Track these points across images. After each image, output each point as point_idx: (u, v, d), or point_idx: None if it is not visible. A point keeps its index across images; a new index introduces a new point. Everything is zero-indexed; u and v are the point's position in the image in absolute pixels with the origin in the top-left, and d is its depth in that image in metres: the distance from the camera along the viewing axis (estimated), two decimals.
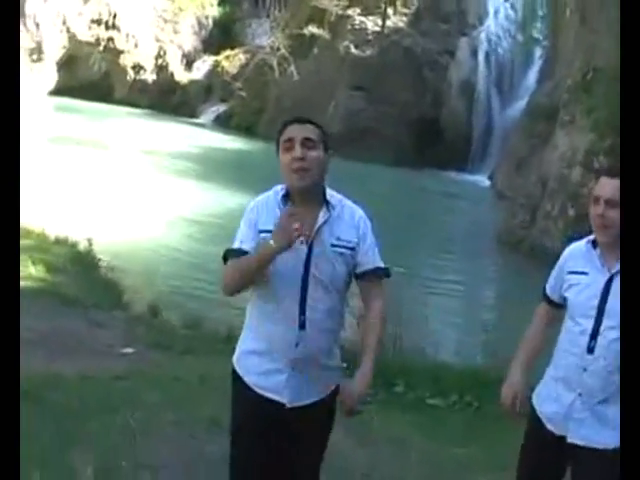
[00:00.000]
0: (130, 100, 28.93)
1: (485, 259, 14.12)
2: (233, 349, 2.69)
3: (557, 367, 2.72)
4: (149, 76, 30.07)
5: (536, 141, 18.29)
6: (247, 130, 26.21)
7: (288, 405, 2.64)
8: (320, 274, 2.58)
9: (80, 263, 8.01)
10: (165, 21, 30.78)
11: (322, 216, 2.60)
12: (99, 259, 8.46)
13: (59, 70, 29.03)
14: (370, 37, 25.73)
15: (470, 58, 24.78)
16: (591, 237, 2.67)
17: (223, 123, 27.38)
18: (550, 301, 2.83)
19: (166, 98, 29.20)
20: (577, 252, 2.73)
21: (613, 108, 12.61)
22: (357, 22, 26.34)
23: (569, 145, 13.94)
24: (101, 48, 29.40)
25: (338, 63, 25.27)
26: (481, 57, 24.57)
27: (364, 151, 22.40)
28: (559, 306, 2.78)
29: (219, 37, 31.29)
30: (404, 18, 26.26)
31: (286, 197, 2.61)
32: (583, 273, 2.66)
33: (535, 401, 2.78)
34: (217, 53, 30.21)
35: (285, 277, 2.57)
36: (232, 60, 29.42)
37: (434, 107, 24.00)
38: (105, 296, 7.10)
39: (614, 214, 2.53)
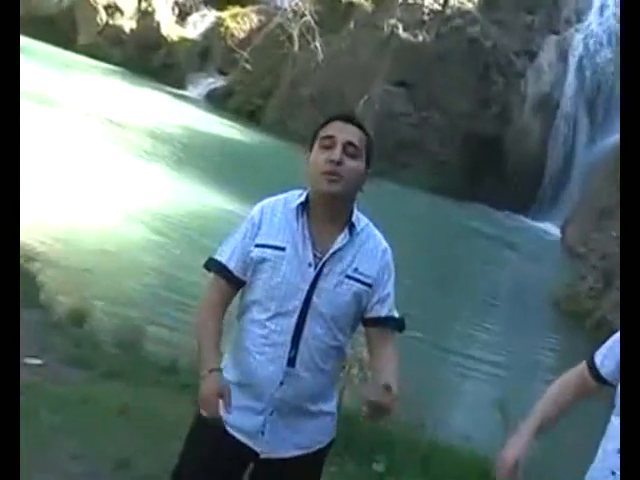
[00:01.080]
0: (97, 50, 29.34)
1: (538, 334, 14.14)
2: (174, 383, 2.82)
3: (608, 454, 2.73)
4: (126, 22, 30.47)
5: None
6: (249, 115, 26.53)
7: (261, 455, 2.78)
8: (323, 306, 2.74)
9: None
10: None
11: (341, 239, 2.76)
12: (21, 244, 8.46)
13: None
14: (425, 17, 26.15)
15: (557, 64, 25.08)
16: None
17: (218, 101, 27.77)
18: (597, 375, 2.88)
19: (146, 55, 29.59)
20: None
21: None
22: None
23: None
24: None
25: (379, 46, 25.60)
26: (572, 65, 24.86)
27: (399, 169, 22.53)
28: (605, 383, 2.84)
29: None
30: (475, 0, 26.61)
31: (304, 207, 2.78)
32: None
33: None
34: (222, 8, 30.67)
35: (282, 301, 2.73)
36: (240, 20, 29.86)
37: (499, 123, 24.27)
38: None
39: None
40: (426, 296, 13.41)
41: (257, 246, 2.77)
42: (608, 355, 2.85)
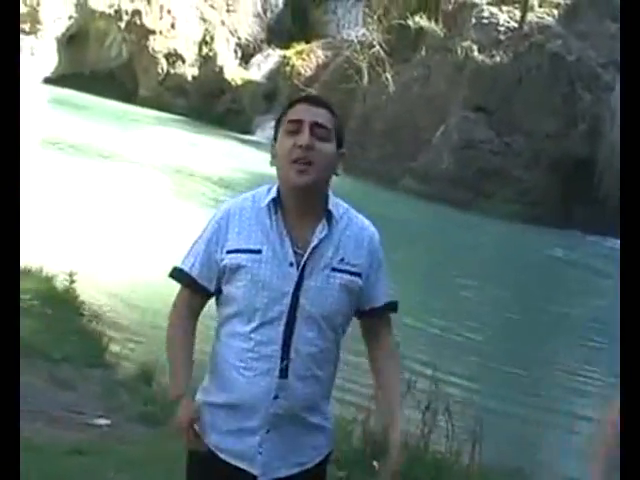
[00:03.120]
0: (159, 101, 30.24)
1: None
2: None
3: None
4: (188, 70, 31.20)
5: None
6: None
7: (261, 478, 2.73)
8: (312, 306, 2.68)
9: (54, 303, 8.16)
10: None
11: (320, 230, 2.71)
12: (82, 301, 8.65)
13: (61, 50, 30.30)
14: (502, 36, 26.20)
15: None
16: None
17: None
18: None
19: (210, 102, 30.31)
20: None
21: None
22: (485, 14, 26.92)
23: None
24: (123, 24, 30.57)
25: (453, 71, 25.75)
26: None
27: (483, 199, 22.46)
28: None
29: (290, 23, 32.39)
30: (554, 11, 26.58)
31: (275, 203, 2.72)
32: None
33: None
34: (286, 46, 31.27)
35: (266, 309, 2.68)
36: (306, 57, 30.36)
37: (588, 142, 24.06)
38: (82, 349, 7.25)
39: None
40: (516, 331, 13.31)
41: (229, 252, 2.72)
42: None
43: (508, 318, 13.34)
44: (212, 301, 2.86)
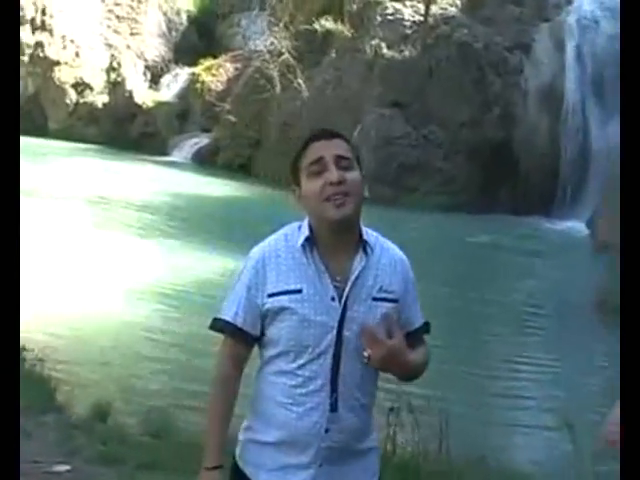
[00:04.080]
0: (71, 132, 30.18)
1: (589, 339, 14.13)
2: None
3: None
4: (98, 98, 31.11)
5: None
6: (240, 169, 27.11)
7: None
8: (357, 338, 2.73)
9: None
10: (119, 18, 31.92)
11: (359, 261, 2.78)
12: (23, 346, 8.64)
13: None
14: (409, 31, 26.66)
15: (554, 53, 25.42)
16: None
17: (206, 161, 28.42)
18: None
19: (123, 128, 30.32)
20: None
21: None
22: (389, 10, 27.26)
23: None
24: (26, 58, 30.33)
25: (365, 70, 26.12)
26: (570, 51, 25.15)
27: (407, 194, 22.84)
28: None
29: (197, 40, 32.45)
30: (457, 1, 27.06)
31: (310, 240, 2.78)
32: None
33: None
34: (194, 63, 31.34)
35: (312, 345, 2.73)
36: (215, 72, 30.50)
37: (504, 126, 24.58)
38: (31, 396, 7.02)
39: None
40: (457, 324, 13.54)
41: (270, 296, 2.75)
42: None
43: (449, 312, 13.57)
44: None
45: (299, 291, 2.73)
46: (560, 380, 11.70)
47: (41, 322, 10.46)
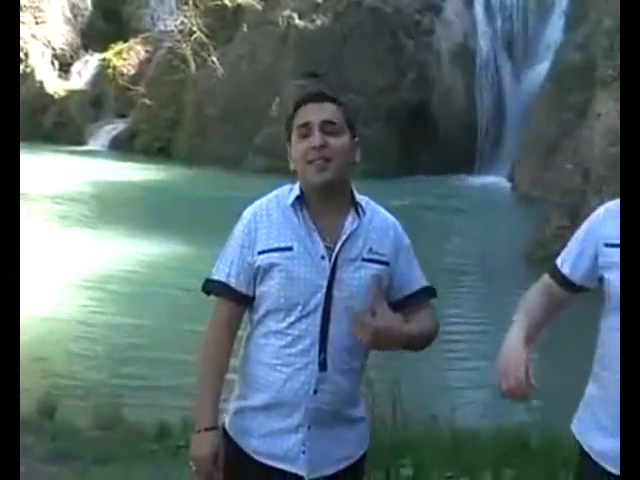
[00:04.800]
0: None
1: (516, 292, 14.42)
2: (166, 449, 2.93)
3: (606, 381, 2.76)
4: None
5: (569, 115, 19.11)
6: (160, 152, 27.07)
7: (307, 478, 2.79)
8: (346, 298, 2.75)
9: None
10: (22, 8, 31.35)
11: (350, 222, 2.80)
12: None
13: None
14: (320, 0, 26.69)
15: (464, 12, 25.87)
16: None
17: (124, 146, 28.23)
18: (565, 282, 2.90)
19: (36, 120, 29.86)
20: (619, 216, 2.78)
21: None
22: None
23: (617, 111, 14.45)
24: None
25: (278, 42, 26.27)
26: (479, 8, 25.65)
27: None
28: (576, 289, 2.89)
29: (104, 25, 32.14)
30: None
31: (300, 200, 2.80)
32: None
33: (578, 430, 2.89)
34: (104, 48, 31.11)
35: (301, 303, 2.74)
36: (127, 56, 30.34)
37: (419, 88, 24.96)
38: None
39: None
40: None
41: (261, 253, 2.76)
42: (572, 256, 2.87)
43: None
44: None
45: (289, 248, 2.75)
46: (496, 336, 11.92)
47: None
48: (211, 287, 2.86)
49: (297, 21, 26.28)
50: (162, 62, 28.65)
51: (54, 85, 30.84)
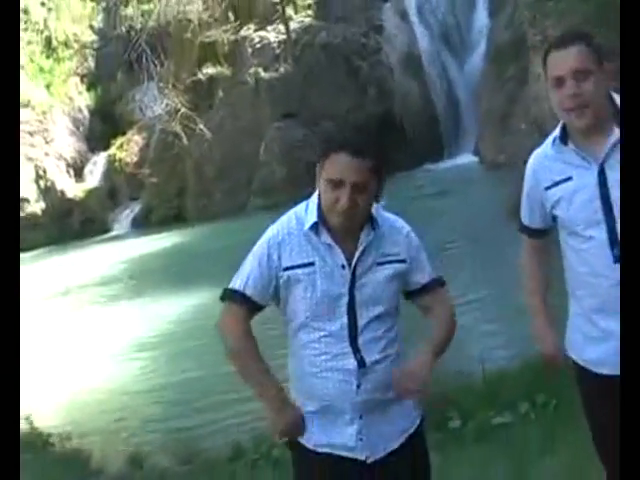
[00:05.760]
0: (22, 244, 29.76)
1: (501, 244, 14.21)
2: (244, 465, 3.02)
3: (581, 298, 2.91)
4: (36, 206, 31.18)
5: (512, 84, 19.33)
6: (174, 219, 27.56)
7: (369, 460, 2.85)
8: (368, 299, 2.81)
9: (27, 448, 7.91)
10: (31, 134, 32.16)
11: (366, 235, 2.85)
12: (48, 434, 8.68)
13: None
14: (278, 50, 27.22)
15: (402, 24, 26.24)
16: (554, 133, 3.01)
17: (143, 223, 28.86)
18: (532, 232, 3.13)
19: (64, 223, 30.55)
20: (546, 160, 3.03)
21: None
22: (257, 40, 27.88)
23: None
24: None
25: (252, 97, 26.74)
26: (414, 17, 26.04)
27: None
28: (544, 233, 3.12)
29: (103, 127, 32.79)
30: (309, 12, 27.57)
31: (318, 224, 2.82)
32: (566, 180, 2.93)
33: (571, 350, 3.04)
34: (107, 146, 31.74)
35: (327, 312, 2.80)
36: (127, 147, 30.93)
37: (381, 100, 25.35)
38: (69, 472, 7.30)
39: (588, 86, 2.81)
40: None
41: (286, 269, 2.80)
42: (526, 211, 3.11)
43: None
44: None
45: (312, 264, 2.79)
46: (498, 302, 11.58)
47: (57, 407, 10.53)
48: (227, 295, 2.91)
49: (263, 74, 26.69)
50: (158, 143, 29.19)
51: (73, 190, 31.46)
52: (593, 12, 13.99)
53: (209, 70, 28.62)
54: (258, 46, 27.66)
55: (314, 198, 2.87)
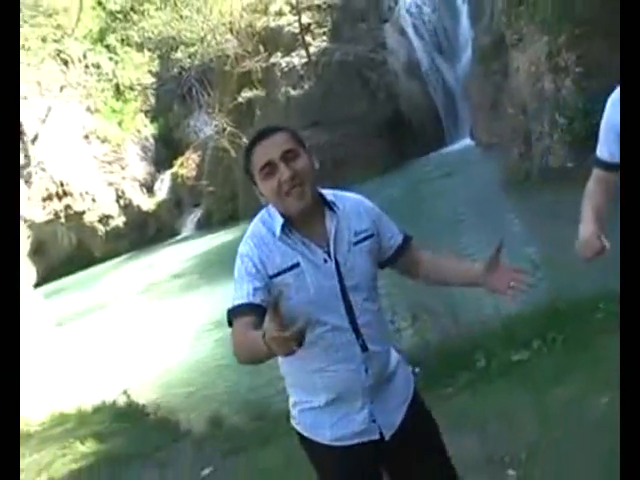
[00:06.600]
0: (110, 253, 30.96)
1: (501, 211, 14.24)
2: None
3: None
4: (119, 221, 31.81)
5: (497, 77, 19.30)
6: (230, 220, 27.76)
7: (387, 437, 2.48)
8: (357, 282, 2.42)
9: (126, 418, 8.07)
10: (110, 163, 32.82)
11: (330, 221, 2.44)
12: (143, 405, 8.61)
13: (33, 260, 31.01)
14: (301, 72, 27.34)
15: (401, 39, 26.27)
16: None
17: (205, 225, 29.28)
18: (607, 165, 2.66)
19: (141, 233, 31.22)
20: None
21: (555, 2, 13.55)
22: (284, 65, 27.99)
23: (529, 60, 14.74)
24: (62, 220, 31.41)
25: (284, 112, 26.81)
26: (410, 31, 26.12)
27: (348, 175, 23.31)
28: (616, 167, 2.62)
29: (166, 150, 33.30)
30: (324, 37, 27.73)
31: (286, 225, 2.39)
32: None
33: None
34: (170, 165, 32.22)
35: (324, 307, 2.38)
36: (187, 164, 31.33)
37: (390, 103, 25.40)
38: (163, 435, 7.16)
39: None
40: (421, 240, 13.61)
41: (272, 277, 2.34)
42: (609, 143, 2.63)
43: None
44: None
45: (297, 264, 2.36)
46: (505, 259, 11.24)
47: (148, 382, 10.54)
48: (234, 314, 2.35)
49: (292, 92, 26.87)
50: (212, 158, 29.52)
51: (146, 204, 32.07)
52: (558, 8, 13.98)
53: (247, 94, 28.85)
54: (285, 70, 27.85)
55: (271, 207, 2.44)
